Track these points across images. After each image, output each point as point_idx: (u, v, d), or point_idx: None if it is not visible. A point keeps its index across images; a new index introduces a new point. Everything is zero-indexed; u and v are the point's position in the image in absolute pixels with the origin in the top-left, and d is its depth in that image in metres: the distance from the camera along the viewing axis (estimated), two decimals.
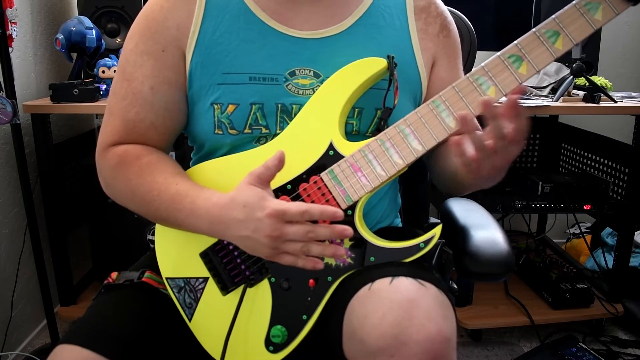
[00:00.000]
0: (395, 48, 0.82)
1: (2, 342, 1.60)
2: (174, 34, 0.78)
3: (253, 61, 0.78)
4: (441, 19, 0.86)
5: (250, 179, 0.70)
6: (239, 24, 0.79)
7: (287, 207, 0.66)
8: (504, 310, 1.89)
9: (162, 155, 0.80)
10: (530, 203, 1.82)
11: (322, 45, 0.80)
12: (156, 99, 0.79)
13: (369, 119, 0.81)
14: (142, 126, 0.80)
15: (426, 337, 0.61)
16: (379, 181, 0.73)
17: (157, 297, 0.82)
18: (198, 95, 0.79)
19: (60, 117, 1.91)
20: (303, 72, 0.79)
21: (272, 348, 0.76)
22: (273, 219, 0.66)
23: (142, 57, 0.79)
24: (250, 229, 0.68)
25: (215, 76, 0.78)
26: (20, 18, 1.63)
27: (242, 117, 0.78)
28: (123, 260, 1.11)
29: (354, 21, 0.82)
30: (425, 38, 0.85)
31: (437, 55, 0.86)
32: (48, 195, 1.68)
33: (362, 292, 0.68)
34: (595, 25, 0.67)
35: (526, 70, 0.69)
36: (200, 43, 0.78)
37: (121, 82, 0.80)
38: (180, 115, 0.82)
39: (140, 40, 0.79)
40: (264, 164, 0.70)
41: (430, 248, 0.73)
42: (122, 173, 0.78)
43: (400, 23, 0.84)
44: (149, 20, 0.79)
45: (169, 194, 0.74)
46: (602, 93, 1.74)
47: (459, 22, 1.16)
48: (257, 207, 0.67)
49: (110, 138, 0.80)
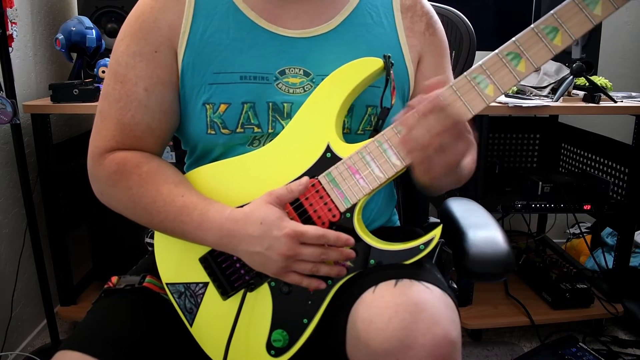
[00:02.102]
0: (384, 46, 0.82)
1: (2, 342, 1.60)
2: (166, 34, 0.78)
3: (243, 60, 0.78)
4: (427, 18, 0.86)
5: (270, 199, 0.71)
6: (228, 24, 0.79)
7: (306, 230, 0.68)
8: (504, 310, 1.89)
9: (162, 163, 0.80)
10: (530, 203, 1.82)
11: (311, 44, 0.80)
12: (151, 100, 0.78)
13: (360, 117, 0.81)
14: (139, 129, 0.79)
15: (432, 341, 0.61)
16: (377, 183, 0.72)
17: (158, 302, 0.81)
18: (190, 95, 0.79)
19: (60, 117, 1.91)
20: (293, 70, 0.79)
21: (273, 352, 0.76)
22: (290, 238, 0.68)
23: (134, 59, 0.78)
24: (264, 246, 0.69)
25: (207, 76, 0.78)
26: (21, 18, 1.63)
27: (234, 116, 0.78)
28: (123, 260, 1.12)
29: (342, 20, 0.82)
30: (412, 36, 0.85)
31: (422, 52, 0.86)
32: (48, 195, 1.68)
33: (366, 295, 0.67)
34: (595, 20, 0.66)
35: (525, 68, 0.68)
36: (191, 43, 0.78)
37: (113, 84, 0.79)
38: (175, 116, 0.81)
39: (131, 41, 0.78)
40: (288, 187, 0.71)
41: (430, 249, 0.73)
42: (121, 182, 0.77)
43: (387, 21, 0.84)
44: (140, 22, 0.78)
45: (176, 206, 0.74)
46: (602, 93, 1.74)
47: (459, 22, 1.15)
48: (274, 226, 0.68)
49: (106, 144, 0.79)
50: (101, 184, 0.80)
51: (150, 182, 0.76)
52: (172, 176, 0.78)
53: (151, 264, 0.84)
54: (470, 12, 1.21)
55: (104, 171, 0.78)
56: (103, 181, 0.79)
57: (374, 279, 0.69)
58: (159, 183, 0.76)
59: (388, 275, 0.69)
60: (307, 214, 0.74)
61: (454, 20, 1.15)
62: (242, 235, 0.70)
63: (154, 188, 0.75)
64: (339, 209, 0.74)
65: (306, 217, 0.74)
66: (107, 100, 0.79)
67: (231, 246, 0.72)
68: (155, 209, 0.75)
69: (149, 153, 0.80)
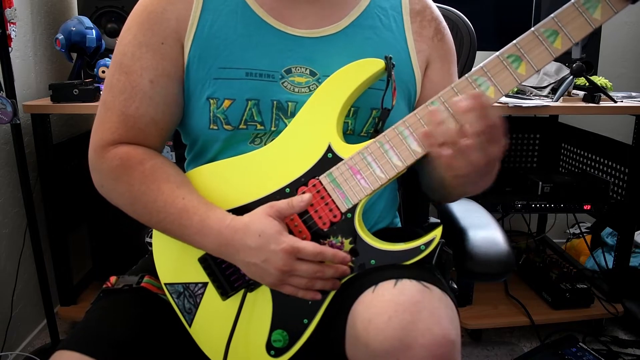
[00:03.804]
0: (392, 49, 0.82)
1: (2, 342, 1.60)
2: (173, 26, 0.78)
3: (250, 57, 0.78)
4: (435, 23, 0.86)
5: (270, 211, 0.71)
6: (236, 19, 0.79)
7: (303, 246, 0.69)
8: (504, 310, 1.89)
9: (165, 161, 0.79)
10: (530, 203, 1.82)
11: (318, 45, 0.80)
12: (156, 92, 0.78)
13: (365, 119, 0.81)
14: (142, 121, 0.78)
15: (432, 341, 0.61)
16: (378, 184, 0.72)
17: (157, 302, 0.81)
18: (194, 89, 0.79)
19: (60, 117, 1.91)
20: (299, 70, 0.79)
21: (273, 352, 0.76)
22: (287, 254, 0.68)
23: (140, 49, 0.77)
24: (261, 258, 0.69)
25: (212, 70, 0.78)
26: (20, 18, 1.63)
27: (238, 112, 0.78)
28: (123, 260, 1.12)
29: (351, 22, 0.82)
30: (420, 40, 0.85)
31: (430, 58, 0.86)
32: (48, 195, 1.68)
33: (366, 295, 0.68)
34: (594, 24, 0.67)
35: (525, 70, 0.68)
36: (199, 35, 0.78)
37: (118, 75, 0.78)
38: (179, 109, 0.81)
39: (138, 31, 0.78)
40: (289, 202, 0.72)
41: (430, 250, 0.73)
42: (123, 176, 0.76)
43: (396, 25, 0.84)
44: (148, 12, 0.78)
45: (176, 208, 0.74)
46: (602, 93, 1.74)
47: (459, 22, 1.15)
48: (272, 240, 0.69)
49: (109, 136, 0.78)
50: (102, 177, 0.79)
51: (152, 180, 0.76)
52: (175, 176, 0.77)
53: (150, 264, 0.84)
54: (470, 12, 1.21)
55: (107, 164, 0.78)
56: (104, 174, 0.79)
57: (373, 279, 0.69)
58: (161, 182, 0.76)
59: (388, 275, 0.69)
60: (308, 214, 0.74)
61: (454, 20, 1.15)
62: (241, 246, 0.70)
63: (155, 186, 0.75)
64: (340, 209, 0.74)
65: (307, 217, 0.74)
66: (112, 92, 0.78)
67: (229, 254, 0.73)
68: (155, 208, 0.75)
69: (151, 149, 0.80)
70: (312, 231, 0.74)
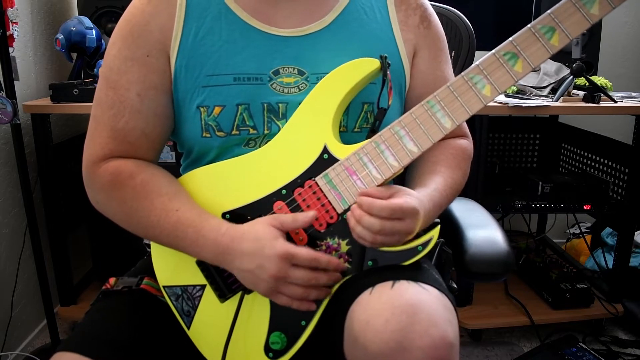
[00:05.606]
0: (379, 41, 0.81)
1: (2, 342, 1.60)
2: (158, 37, 0.77)
3: (236, 62, 0.78)
4: (421, 10, 0.85)
5: (273, 221, 0.71)
6: (220, 25, 0.78)
7: (298, 252, 0.69)
8: (504, 310, 1.89)
9: (156, 172, 0.79)
10: (530, 203, 1.82)
11: (304, 43, 0.79)
12: (144, 105, 0.77)
13: (356, 114, 0.80)
14: (133, 135, 0.78)
15: (430, 343, 0.60)
16: (374, 184, 0.72)
17: (155, 304, 0.81)
18: (184, 99, 0.78)
19: (60, 117, 1.92)
20: (287, 70, 0.79)
21: (271, 354, 0.76)
22: (281, 259, 0.68)
23: (126, 63, 0.77)
24: (255, 264, 0.69)
25: (200, 79, 0.77)
26: (21, 18, 1.63)
27: (229, 118, 0.77)
28: (123, 260, 1.12)
29: (335, 17, 0.81)
30: (406, 29, 0.84)
31: (417, 46, 0.85)
32: (48, 195, 1.69)
33: (363, 297, 0.67)
34: (592, 19, 0.65)
35: (522, 68, 0.67)
36: (184, 45, 0.77)
37: (106, 90, 0.78)
38: (169, 120, 0.81)
39: (123, 45, 0.77)
40: (294, 217, 0.72)
41: (428, 250, 0.72)
42: (115, 193, 0.76)
43: (381, 16, 0.83)
44: (132, 26, 0.77)
45: (170, 222, 0.74)
46: (602, 93, 1.74)
47: (458, 21, 1.15)
48: (267, 245, 0.69)
49: (100, 152, 0.78)
50: (96, 194, 0.79)
51: (144, 196, 0.75)
52: (167, 187, 0.77)
53: (149, 265, 0.84)
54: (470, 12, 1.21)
55: (98, 181, 0.78)
56: (97, 191, 0.79)
57: (371, 281, 0.69)
58: (153, 196, 0.75)
59: (385, 276, 0.68)
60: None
61: (453, 20, 1.15)
62: (237, 252, 0.70)
63: (147, 202, 0.75)
64: (336, 210, 0.74)
65: None
66: (100, 107, 0.79)
67: (226, 262, 0.73)
68: (150, 224, 0.75)
69: (143, 161, 0.80)
70: (308, 232, 0.74)
